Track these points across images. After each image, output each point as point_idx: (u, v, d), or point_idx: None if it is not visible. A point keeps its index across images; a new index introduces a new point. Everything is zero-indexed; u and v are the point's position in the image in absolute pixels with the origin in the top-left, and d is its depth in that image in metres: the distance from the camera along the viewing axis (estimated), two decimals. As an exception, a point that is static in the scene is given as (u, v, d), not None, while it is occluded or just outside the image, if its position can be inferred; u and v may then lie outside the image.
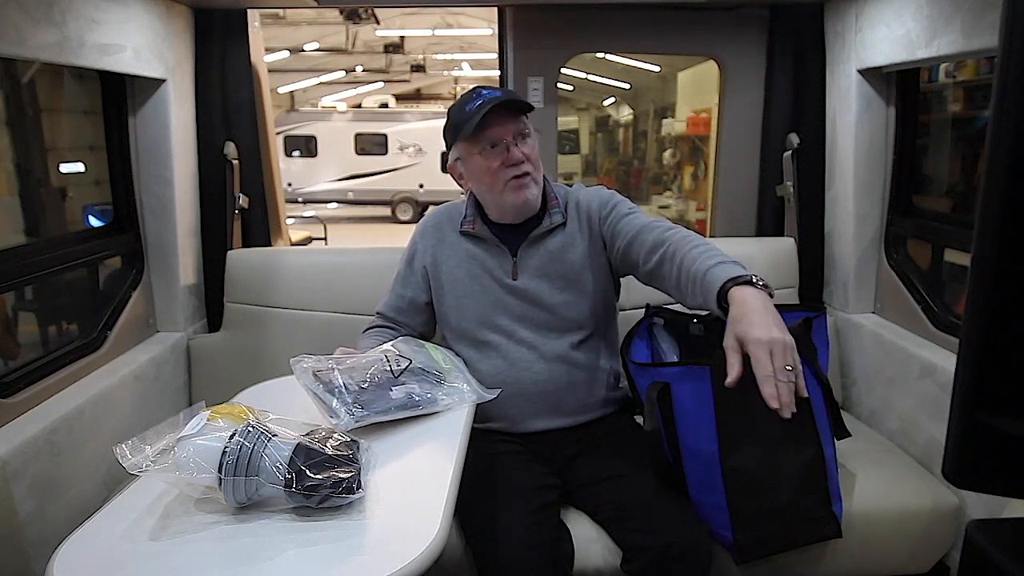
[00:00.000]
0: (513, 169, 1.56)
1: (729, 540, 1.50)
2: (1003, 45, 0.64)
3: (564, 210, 1.66)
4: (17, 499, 1.40)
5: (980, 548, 0.77)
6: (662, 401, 1.49)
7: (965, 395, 0.71)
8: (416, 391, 1.33)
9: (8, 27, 1.39)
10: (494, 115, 1.52)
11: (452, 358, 1.52)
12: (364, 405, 1.26)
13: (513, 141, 1.55)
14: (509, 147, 1.55)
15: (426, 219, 1.79)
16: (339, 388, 1.27)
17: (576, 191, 1.71)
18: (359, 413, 1.24)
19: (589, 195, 1.68)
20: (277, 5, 4.41)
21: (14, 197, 2.74)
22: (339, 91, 17.81)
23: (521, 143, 1.56)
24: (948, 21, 1.66)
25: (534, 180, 1.59)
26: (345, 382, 1.28)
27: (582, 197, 1.68)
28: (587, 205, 1.66)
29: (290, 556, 0.94)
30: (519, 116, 1.56)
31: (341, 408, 1.24)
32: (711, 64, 2.44)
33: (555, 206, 1.66)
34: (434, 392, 1.35)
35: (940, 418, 1.75)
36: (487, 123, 1.52)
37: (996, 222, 0.66)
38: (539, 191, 1.61)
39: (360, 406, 1.25)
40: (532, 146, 1.58)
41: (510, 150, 1.55)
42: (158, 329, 2.17)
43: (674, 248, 1.40)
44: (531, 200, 1.60)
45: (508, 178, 1.57)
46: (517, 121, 1.56)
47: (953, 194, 2.93)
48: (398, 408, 1.29)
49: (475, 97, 1.56)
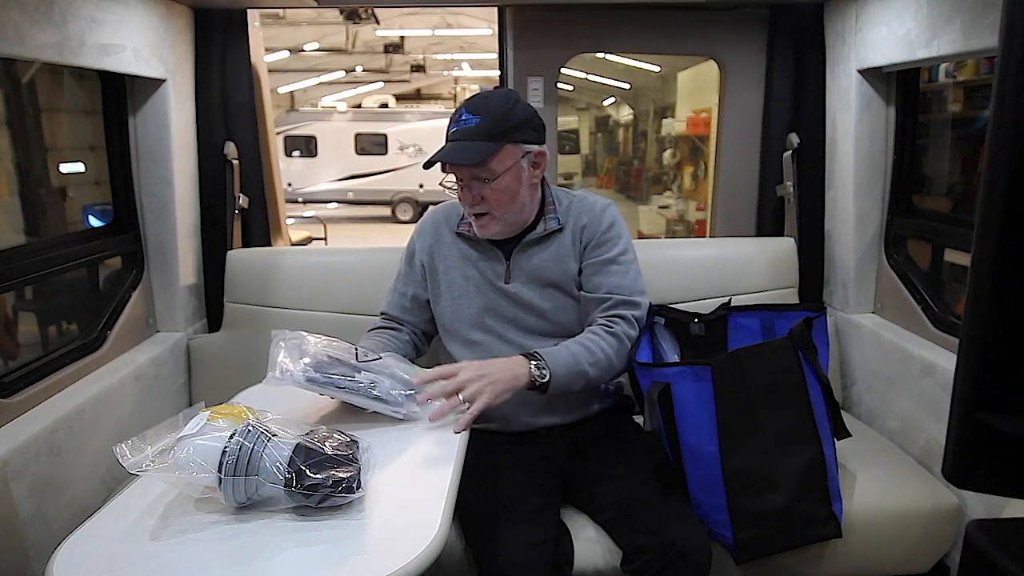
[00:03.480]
0: (468, 209, 1.59)
1: (729, 540, 1.50)
2: (1003, 45, 0.64)
3: (563, 216, 1.65)
4: (17, 499, 1.40)
5: (980, 548, 0.77)
6: (663, 401, 1.49)
7: (965, 395, 0.71)
8: (382, 385, 1.30)
9: (8, 27, 1.38)
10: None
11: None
12: (319, 369, 1.25)
13: (467, 184, 1.55)
14: (464, 188, 1.56)
15: (425, 218, 1.79)
16: (305, 352, 1.26)
17: (581, 200, 1.69)
18: (311, 375, 1.24)
19: (590, 210, 1.66)
20: (277, 5, 4.41)
21: (14, 197, 2.74)
22: (339, 91, 17.82)
23: (479, 186, 1.54)
24: (948, 21, 1.66)
25: (493, 218, 1.58)
26: (314, 350, 1.27)
27: (584, 209, 1.66)
28: (584, 221, 1.65)
29: (290, 556, 0.94)
30: (481, 161, 1.50)
31: (299, 365, 1.24)
32: (711, 64, 2.44)
33: (552, 212, 1.65)
34: (397, 395, 1.31)
35: (940, 418, 1.75)
36: (447, 159, 1.53)
37: (996, 222, 0.66)
38: (505, 227, 1.60)
39: (314, 369, 1.25)
40: (495, 188, 1.53)
41: (464, 191, 1.56)
42: (158, 329, 2.17)
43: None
44: (495, 234, 1.61)
45: (468, 212, 1.60)
46: (474, 166, 1.51)
47: (953, 194, 2.94)
48: (354, 390, 1.27)
49: (454, 122, 1.54)
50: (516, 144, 1.54)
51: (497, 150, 1.51)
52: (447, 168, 1.56)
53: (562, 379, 1.45)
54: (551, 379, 1.43)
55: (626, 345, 1.56)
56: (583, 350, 1.50)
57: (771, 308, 1.87)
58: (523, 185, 1.57)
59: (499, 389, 1.35)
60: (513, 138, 1.53)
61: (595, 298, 1.61)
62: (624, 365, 1.58)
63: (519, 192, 1.57)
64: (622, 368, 1.58)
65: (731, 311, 1.90)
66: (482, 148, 1.50)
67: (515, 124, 1.53)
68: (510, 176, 1.54)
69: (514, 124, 1.53)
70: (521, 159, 1.55)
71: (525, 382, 1.40)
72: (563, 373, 1.45)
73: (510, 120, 1.53)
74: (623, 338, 1.55)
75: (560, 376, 1.44)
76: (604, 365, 1.51)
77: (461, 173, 1.55)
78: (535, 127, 1.58)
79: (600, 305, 1.60)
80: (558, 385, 1.45)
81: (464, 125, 1.51)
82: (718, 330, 1.88)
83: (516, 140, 1.53)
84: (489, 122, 1.50)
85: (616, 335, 1.55)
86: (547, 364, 1.43)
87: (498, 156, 1.51)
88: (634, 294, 1.60)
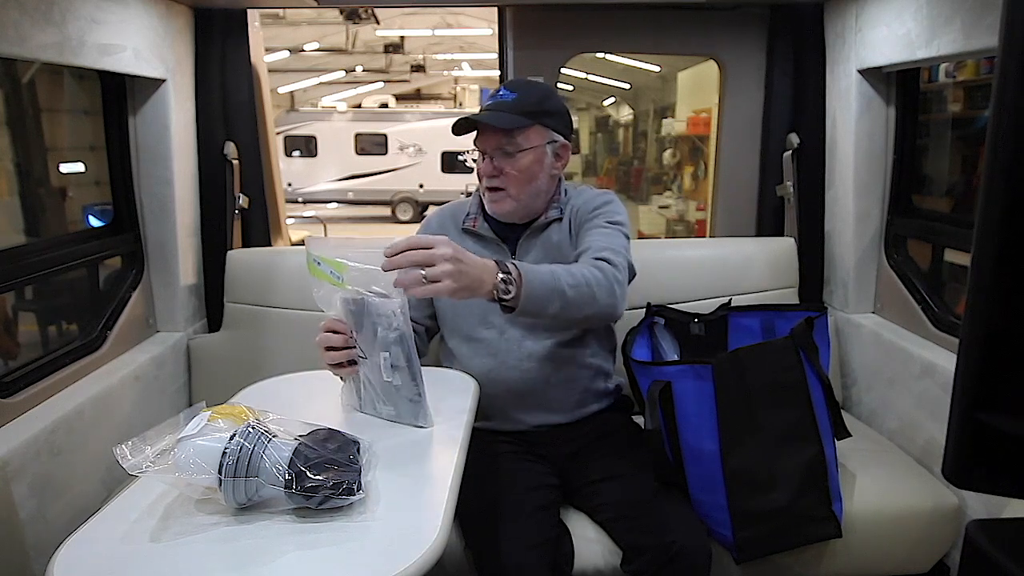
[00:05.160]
0: (486, 180, 1.59)
1: (729, 540, 1.50)
2: (1003, 45, 0.64)
3: (564, 206, 1.66)
4: (17, 499, 1.40)
5: (980, 548, 0.76)
6: (663, 400, 1.49)
7: (965, 395, 0.70)
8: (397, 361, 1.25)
9: (8, 27, 1.38)
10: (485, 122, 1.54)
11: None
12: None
13: (491, 154, 1.57)
14: (487, 158, 1.58)
15: (430, 216, 1.81)
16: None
17: (582, 191, 1.71)
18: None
19: (588, 196, 1.68)
20: (277, 5, 4.40)
21: (14, 197, 2.75)
22: (339, 91, 17.82)
23: (501, 158, 1.56)
24: (948, 21, 1.66)
25: (508, 196, 1.59)
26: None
27: (583, 196, 1.68)
28: (579, 203, 1.66)
29: (290, 558, 0.94)
30: (509, 131, 1.54)
31: None
32: (711, 64, 2.44)
33: (556, 203, 1.66)
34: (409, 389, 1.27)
35: (940, 418, 1.75)
36: (479, 127, 1.56)
37: (996, 222, 0.66)
38: (518, 206, 1.61)
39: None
40: (516, 163, 1.56)
41: (485, 162, 1.58)
42: (158, 329, 2.17)
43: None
44: (504, 213, 1.62)
45: (484, 187, 1.61)
46: (501, 135, 1.55)
47: (953, 194, 2.94)
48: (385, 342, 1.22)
49: (490, 98, 1.59)
50: (546, 128, 1.59)
51: (528, 126, 1.55)
52: (475, 139, 1.59)
53: (536, 295, 1.29)
54: (522, 295, 1.27)
55: (609, 281, 1.40)
56: (563, 270, 1.35)
57: (771, 308, 1.87)
58: (543, 171, 1.60)
59: (462, 284, 1.19)
60: (544, 122, 1.58)
61: (579, 253, 1.53)
62: (607, 302, 1.39)
63: (538, 176, 1.59)
64: (604, 305, 1.39)
65: (731, 311, 1.90)
66: (515, 119, 1.54)
67: (548, 110, 1.59)
68: (533, 156, 1.57)
69: (547, 110, 1.59)
70: (547, 144, 1.59)
71: (485, 292, 1.25)
72: (536, 287, 1.29)
73: (545, 105, 1.59)
74: (607, 274, 1.40)
75: (534, 290, 1.28)
76: (584, 292, 1.35)
77: (487, 143, 1.57)
78: (566, 123, 1.64)
79: (583, 255, 1.50)
80: (530, 301, 1.28)
81: (501, 99, 1.57)
82: (718, 330, 1.89)
83: (546, 125, 1.59)
84: (525, 101, 1.56)
85: (600, 268, 1.41)
86: (518, 279, 1.27)
87: (526, 132, 1.56)
88: (616, 254, 1.47)
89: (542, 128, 1.58)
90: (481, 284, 1.23)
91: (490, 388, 1.56)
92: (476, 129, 1.58)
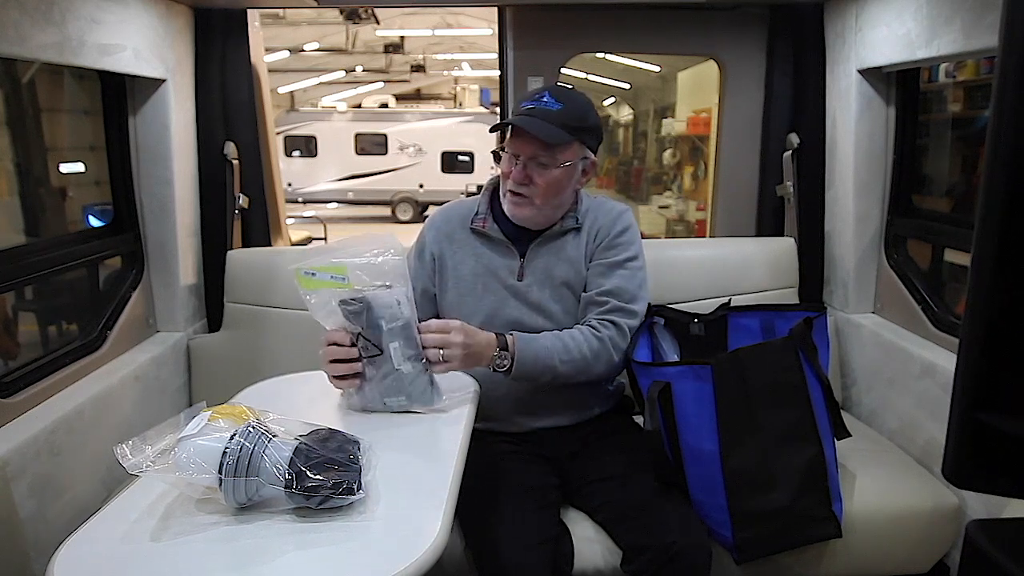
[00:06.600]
0: (512, 184, 1.57)
1: (729, 540, 1.50)
2: (1003, 45, 0.64)
3: (581, 216, 1.65)
4: (17, 499, 1.40)
5: (980, 548, 0.76)
6: (663, 400, 1.49)
7: (965, 395, 0.70)
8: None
9: (8, 27, 1.38)
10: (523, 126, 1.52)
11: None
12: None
13: (525, 161, 1.55)
14: (518, 163, 1.56)
15: (436, 214, 1.78)
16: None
17: (600, 203, 1.70)
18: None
19: (607, 214, 1.67)
20: (277, 5, 4.41)
21: (14, 197, 2.75)
22: (339, 91, 17.81)
23: (534, 168, 1.55)
24: (948, 21, 1.66)
25: (532, 204, 1.58)
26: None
27: (602, 212, 1.67)
28: (600, 222, 1.65)
29: (291, 557, 0.94)
30: (549, 144, 1.52)
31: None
32: (711, 64, 2.44)
33: (572, 212, 1.65)
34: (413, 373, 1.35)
35: (940, 418, 1.75)
36: (516, 129, 1.54)
37: (996, 222, 0.66)
38: (539, 215, 1.60)
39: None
40: (549, 175, 1.54)
41: (517, 167, 1.56)
42: (158, 329, 2.17)
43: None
44: (523, 219, 1.61)
45: (507, 189, 1.60)
46: (540, 145, 1.52)
47: (953, 194, 2.94)
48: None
49: (531, 99, 1.56)
50: (583, 146, 1.58)
51: (570, 143, 1.55)
52: (508, 139, 1.57)
53: (527, 368, 1.49)
54: (514, 369, 1.48)
55: (609, 351, 1.55)
56: (560, 346, 1.52)
57: (771, 308, 1.87)
58: (570, 185, 1.60)
59: (468, 364, 1.43)
60: (583, 139, 1.58)
61: (594, 298, 1.61)
62: (603, 370, 1.57)
63: (565, 190, 1.60)
64: (600, 372, 1.58)
65: (731, 311, 1.90)
66: (560, 134, 1.52)
67: (589, 127, 1.59)
68: (565, 172, 1.57)
69: (588, 127, 1.59)
70: (579, 160, 1.59)
71: (486, 362, 1.47)
72: (528, 363, 1.49)
73: (587, 121, 1.58)
74: (608, 344, 1.55)
75: (525, 366, 1.49)
76: (579, 365, 1.53)
77: (523, 149, 1.55)
78: (598, 138, 1.64)
79: (597, 307, 1.60)
80: (522, 374, 1.50)
81: (545, 106, 1.53)
82: (718, 330, 1.88)
83: (584, 142, 1.58)
84: (571, 115, 1.54)
85: (602, 339, 1.55)
86: (512, 356, 1.48)
87: (566, 149, 1.55)
88: (633, 302, 1.60)
89: (580, 146, 1.57)
90: (482, 358, 1.46)
91: (492, 391, 1.56)
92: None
